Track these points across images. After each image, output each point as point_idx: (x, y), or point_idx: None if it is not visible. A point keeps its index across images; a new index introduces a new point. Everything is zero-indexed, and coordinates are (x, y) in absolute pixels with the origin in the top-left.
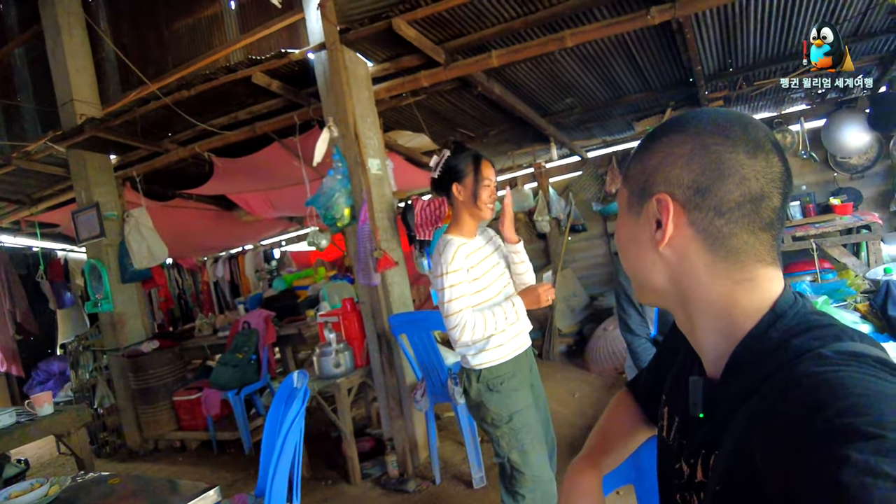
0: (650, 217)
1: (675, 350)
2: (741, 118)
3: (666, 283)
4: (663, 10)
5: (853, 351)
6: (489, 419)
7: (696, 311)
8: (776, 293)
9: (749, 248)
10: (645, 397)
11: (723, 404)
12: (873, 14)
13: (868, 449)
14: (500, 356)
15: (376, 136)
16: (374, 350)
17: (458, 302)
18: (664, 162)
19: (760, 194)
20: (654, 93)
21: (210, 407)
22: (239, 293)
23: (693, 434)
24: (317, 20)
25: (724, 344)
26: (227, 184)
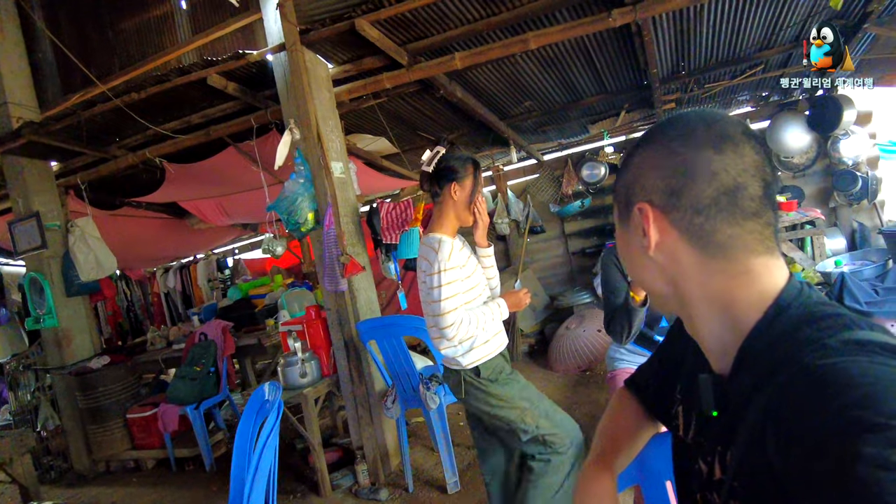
0: (636, 226)
1: (680, 349)
2: (703, 116)
3: (665, 285)
4: (624, 12)
5: (858, 339)
6: (502, 405)
7: (697, 310)
8: (778, 284)
9: (736, 241)
10: (647, 394)
11: (734, 400)
12: (814, 21)
13: (878, 441)
14: (488, 352)
15: (339, 139)
16: (342, 358)
17: (453, 300)
18: (639, 173)
19: (734, 186)
20: (610, 95)
21: (167, 423)
22: (192, 304)
23: (708, 432)
24: (275, 20)
25: (729, 339)
26: (180, 190)
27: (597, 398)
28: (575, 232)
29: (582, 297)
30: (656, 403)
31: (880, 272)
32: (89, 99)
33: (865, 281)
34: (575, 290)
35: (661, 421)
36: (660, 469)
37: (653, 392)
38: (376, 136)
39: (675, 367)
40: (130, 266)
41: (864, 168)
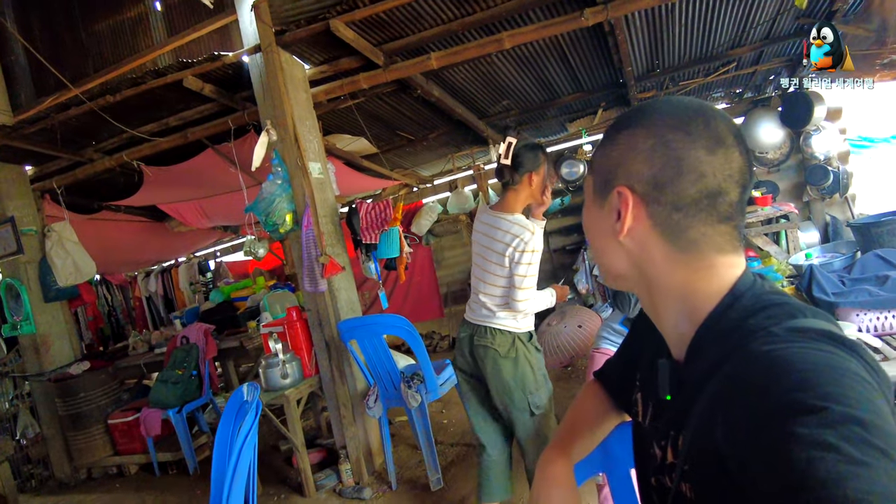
0: (612, 208)
1: (643, 337)
2: (703, 112)
3: (628, 268)
4: (596, 11)
5: (801, 327)
6: (530, 377)
7: (659, 297)
8: (736, 276)
9: (707, 240)
10: (614, 385)
11: (687, 385)
12: (782, 19)
13: (813, 422)
14: (533, 324)
15: (316, 140)
16: (323, 358)
17: (531, 279)
18: (626, 155)
19: (717, 190)
20: (587, 94)
21: (150, 427)
22: (174, 308)
23: (662, 417)
24: (251, 22)
25: (686, 327)
26: (159, 193)
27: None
28: (555, 230)
29: None
30: (620, 392)
31: (848, 263)
32: (63, 102)
33: (833, 272)
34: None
35: (625, 409)
36: (623, 457)
37: (617, 381)
38: (355, 136)
39: (637, 356)
40: (111, 270)
41: (836, 163)
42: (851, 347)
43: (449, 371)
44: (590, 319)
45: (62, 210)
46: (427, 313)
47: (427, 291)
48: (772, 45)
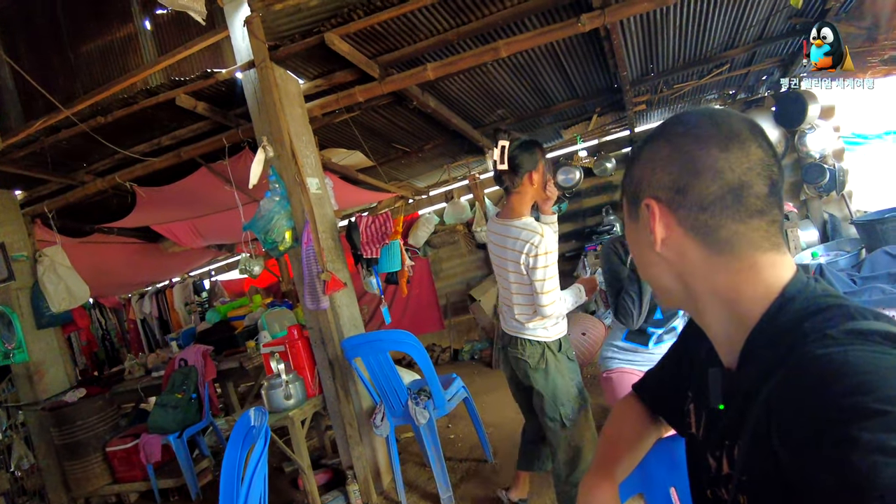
0: (645, 222)
1: (692, 346)
2: (713, 114)
3: (673, 282)
4: (593, 17)
5: (860, 329)
6: (563, 388)
7: (705, 304)
8: (784, 277)
9: (741, 237)
10: (656, 396)
11: (740, 393)
12: (775, 20)
13: (876, 427)
14: (566, 329)
15: (313, 155)
16: (327, 377)
17: (553, 280)
18: (646, 169)
19: (739, 184)
20: (581, 100)
21: (149, 454)
22: (169, 329)
23: (716, 426)
24: (243, 38)
25: (736, 333)
26: (152, 214)
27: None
28: None
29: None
30: (667, 404)
31: (855, 262)
32: (53, 125)
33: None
34: None
35: (672, 422)
36: (662, 475)
37: (664, 393)
38: (351, 149)
39: (688, 365)
40: (104, 294)
41: (831, 160)
42: None
43: (456, 385)
44: (593, 326)
45: (54, 234)
46: (427, 326)
47: (426, 303)
48: (764, 46)
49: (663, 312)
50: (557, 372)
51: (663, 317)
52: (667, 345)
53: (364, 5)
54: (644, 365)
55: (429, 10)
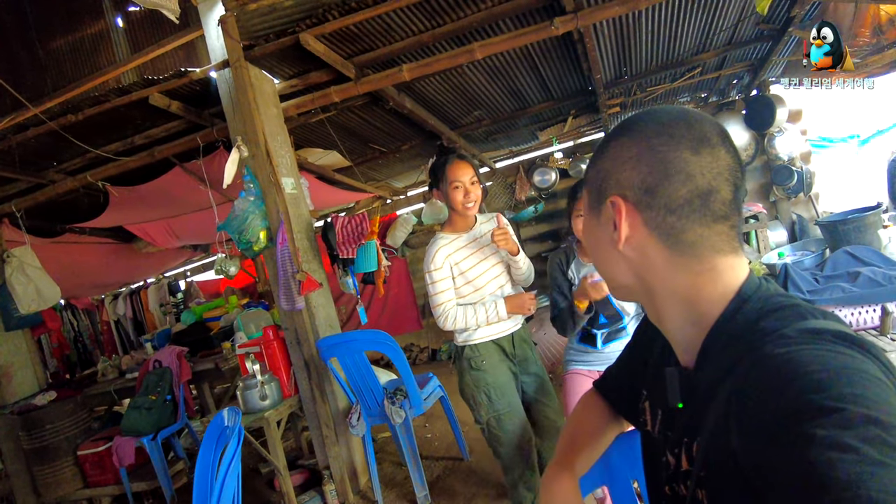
0: (608, 218)
1: (647, 345)
2: (686, 115)
3: (631, 278)
4: (566, 20)
5: (814, 328)
6: (469, 392)
7: (663, 304)
8: (740, 279)
9: (704, 241)
10: (615, 394)
11: (699, 391)
12: (743, 25)
13: (830, 424)
14: (480, 336)
15: (288, 155)
16: (303, 378)
17: (440, 296)
18: (614, 165)
19: (708, 189)
20: (557, 102)
21: (123, 457)
22: (144, 330)
23: (674, 424)
24: (217, 37)
25: (693, 332)
26: (125, 214)
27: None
28: (530, 237)
29: (540, 300)
30: (624, 401)
31: (819, 261)
32: (21, 122)
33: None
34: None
35: (629, 418)
36: (624, 469)
37: (620, 390)
38: (327, 149)
39: (642, 363)
40: (76, 294)
41: (799, 163)
42: (866, 348)
43: (432, 385)
44: None
45: (22, 234)
46: (405, 326)
47: (404, 304)
48: (734, 51)
49: (606, 318)
50: (463, 376)
51: (607, 321)
52: (618, 343)
53: (339, 6)
54: (596, 365)
55: (404, 11)
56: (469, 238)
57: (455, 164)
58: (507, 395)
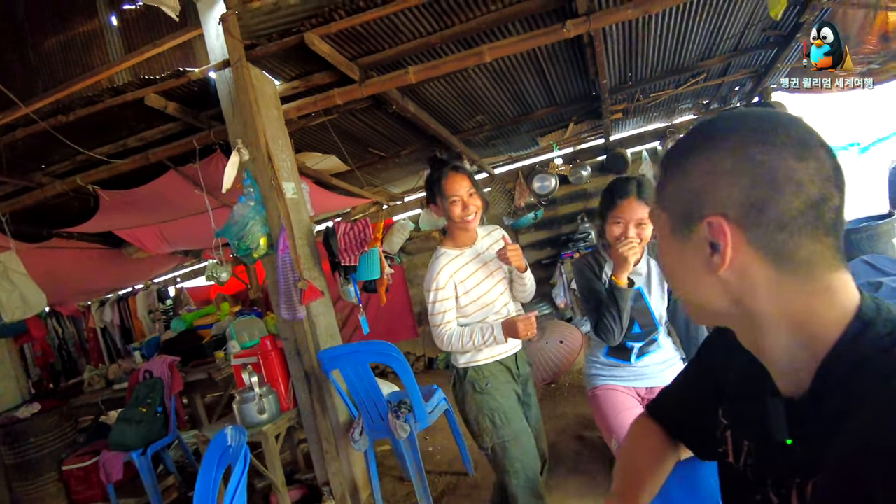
0: (702, 241)
1: (719, 368)
2: (780, 118)
3: (727, 304)
4: (578, 23)
5: None
6: (472, 417)
7: (767, 329)
8: (855, 298)
9: (817, 257)
10: (675, 419)
11: (815, 425)
12: (750, 32)
13: None
14: (485, 357)
15: (289, 159)
16: (302, 390)
17: (441, 316)
18: (707, 181)
19: (821, 197)
20: (560, 107)
21: (110, 472)
22: (132, 338)
23: (779, 460)
24: (217, 36)
25: (803, 358)
26: (116, 219)
27: (563, 411)
28: (530, 244)
29: (541, 308)
30: (689, 428)
31: None
32: (9, 123)
33: None
34: (534, 301)
35: (694, 447)
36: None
37: (684, 417)
38: (325, 153)
39: (713, 387)
40: (62, 301)
41: None
42: None
43: (438, 397)
44: (570, 334)
45: (7, 239)
46: (401, 333)
47: (400, 311)
48: (739, 57)
49: (641, 327)
50: (465, 400)
51: (642, 331)
52: (650, 356)
53: (346, 5)
54: (630, 380)
55: (412, 12)
56: (473, 253)
57: (450, 177)
58: (513, 421)
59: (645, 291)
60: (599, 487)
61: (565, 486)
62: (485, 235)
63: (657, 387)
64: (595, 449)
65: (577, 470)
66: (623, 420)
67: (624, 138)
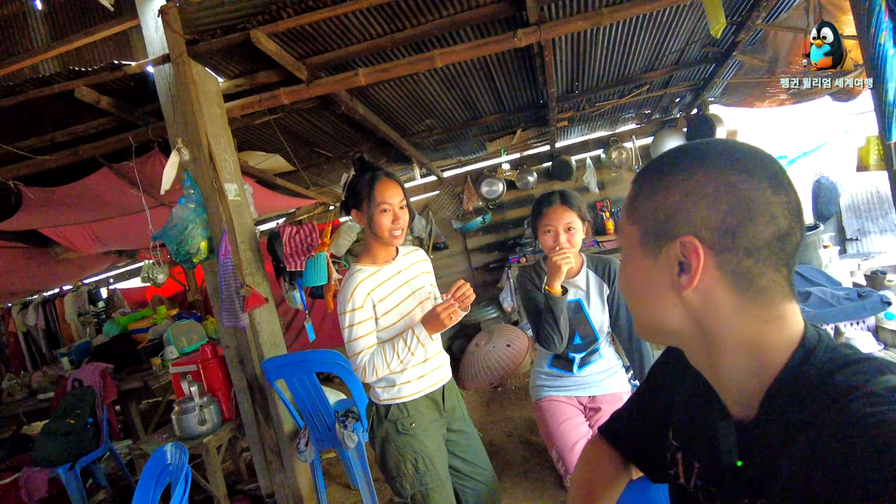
0: (671, 260)
1: (668, 390)
2: (757, 152)
3: (684, 324)
4: (529, 32)
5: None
6: (391, 462)
7: (723, 353)
8: (800, 327)
9: (775, 286)
10: (627, 440)
11: (763, 447)
12: (691, 48)
13: None
14: (410, 393)
15: (231, 159)
16: (245, 400)
17: (358, 342)
18: (686, 201)
19: (787, 231)
20: (508, 114)
21: (33, 490)
22: (59, 343)
23: (729, 482)
24: (156, 29)
25: (753, 383)
26: (42, 217)
27: (511, 415)
28: (477, 247)
29: (488, 311)
30: (640, 449)
31: None
32: None
33: None
34: (481, 305)
35: (646, 469)
36: None
37: (636, 439)
38: (270, 153)
39: (663, 409)
40: None
41: None
42: None
43: None
44: (517, 338)
45: None
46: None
47: None
48: (680, 71)
49: (582, 338)
50: (386, 444)
51: (582, 341)
52: (592, 366)
53: (294, 4)
54: (573, 390)
55: (363, 13)
56: (393, 271)
57: (384, 182)
58: (437, 467)
59: (584, 303)
60: (548, 492)
61: (514, 492)
62: (406, 253)
63: (600, 395)
64: (543, 454)
65: (526, 476)
66: (564, 430)
67: (569, 145)
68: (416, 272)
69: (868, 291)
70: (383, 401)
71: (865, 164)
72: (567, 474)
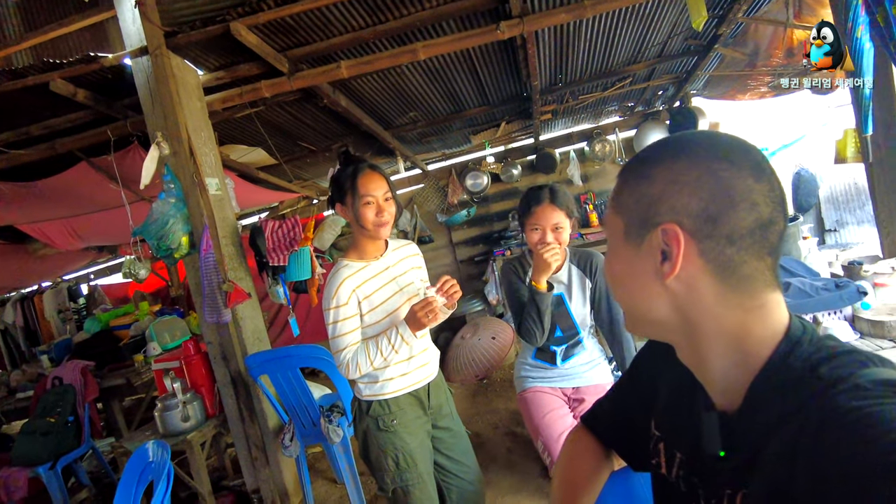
0: (654, 248)
1: (650, 381)
2: (740, 142)
3: (669, 314)
4: (512, 25)
5: (887, 380)
6: (373, 456)
7: (706, 343)
8: (785, 319)
9: (758, 275)
10: (609, 430)
11: (746, 438)
12: (674, 41)
13: None
14: (393, 390)
15: (212, 153)
16: (229, 396)
17: (343, 339)
18: (668, 190)
19: (770, 219)
20: (492, 107)
21: (12, 490)
22: (38, 341)
23: (711, 472)
24: (134, 20)
25: (737, 374)
26: (17, 213)
27: (496, 406)
28: (462, 241)
29: (473, 304)
30: (622, 439)
31: None
32: None
33: None
34: (466, 297)
35: (627, 457)
36: None
37: (618, 428)
38: (252, 146)
39: (646, 400)
40: None
41: None
42: None
43: None
44: (502, 331)
45: None
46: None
47: None
48: (663, 64)
49: (563, 331)
50: (367, 439)
51: (563, 335)
52: (575, 358)
53: None
54: (557, 381)
55: (345, 5)
56: (380, 267)
57: (367, 174)
58: (419, 464)
59: (566, 297)
60: (532, 484)
61: (499, 484)
62: (395, 248)
63: (583, 386)
64: (527, 445)
65: (511, 467)
66: (548, 421)
67: (553, 138)
68: (405, 268)
69: (845, 282)
70: (366, 396)
71: (843, 156)
72: (552, 465)
